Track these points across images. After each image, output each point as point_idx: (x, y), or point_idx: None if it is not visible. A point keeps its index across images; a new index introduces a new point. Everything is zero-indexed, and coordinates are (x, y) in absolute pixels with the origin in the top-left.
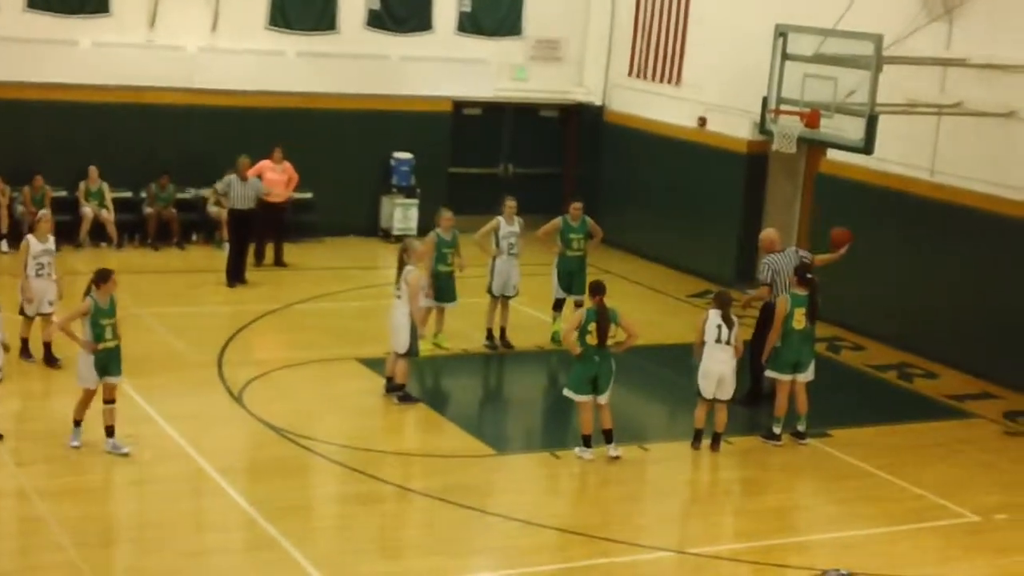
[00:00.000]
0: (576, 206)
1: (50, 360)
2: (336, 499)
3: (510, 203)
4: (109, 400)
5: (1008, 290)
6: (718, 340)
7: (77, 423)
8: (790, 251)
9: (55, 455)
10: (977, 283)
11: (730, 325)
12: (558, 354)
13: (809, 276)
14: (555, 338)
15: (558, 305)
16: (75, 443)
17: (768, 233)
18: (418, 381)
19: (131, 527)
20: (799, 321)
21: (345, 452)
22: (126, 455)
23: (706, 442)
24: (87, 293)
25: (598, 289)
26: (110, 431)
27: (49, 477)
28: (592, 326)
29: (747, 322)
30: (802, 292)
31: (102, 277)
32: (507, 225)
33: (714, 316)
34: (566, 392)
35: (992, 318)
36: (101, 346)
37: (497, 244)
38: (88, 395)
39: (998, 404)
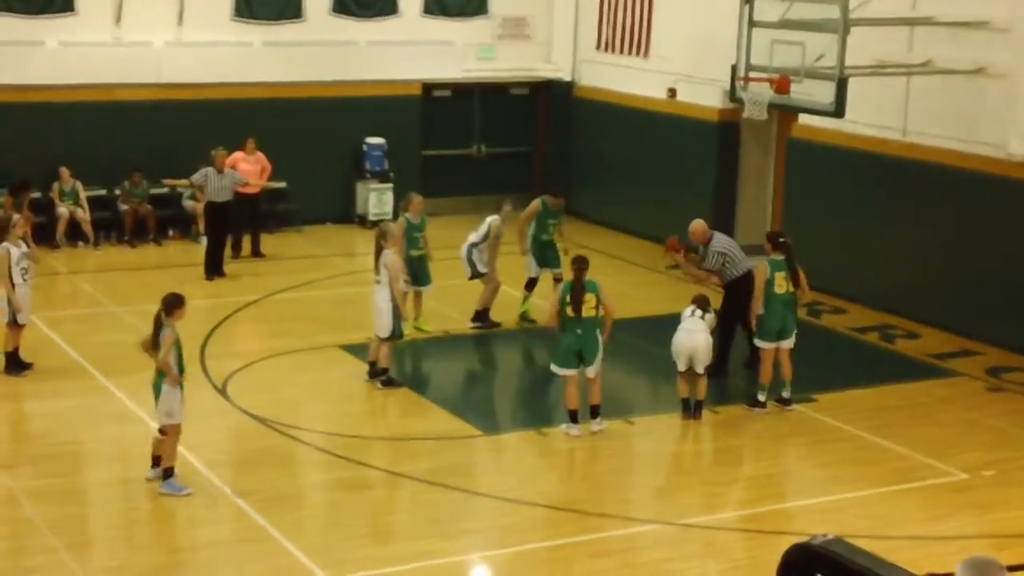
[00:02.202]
0: (560, 195)
1: (22, 365)
2: (324, 487)
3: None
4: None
5: (985, 246)
6: (692, 315)
7: (171, 470)
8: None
9: (39, 456)
10: (954, 240)
11: (705, 310)
12: (537, 332)
13: (782, 240)
14: (525, 316)
15: (531, 284)
16: (188, 490)
17: (701, 224)
18: (400, 365)
19: (120, 525)
20: (780, 286)
21: (331, 439)
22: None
23: None
24: (160, 324)
25: (577, 261)
26: (158, 461)
27: (35, 478)
28: (568, 297)
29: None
30: (779, 256)
31: (177, 303)
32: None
33: (691, 307)
34: (552, 367)
35: (971, 275)
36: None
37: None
38: (178, 431)
39: (980, 361)
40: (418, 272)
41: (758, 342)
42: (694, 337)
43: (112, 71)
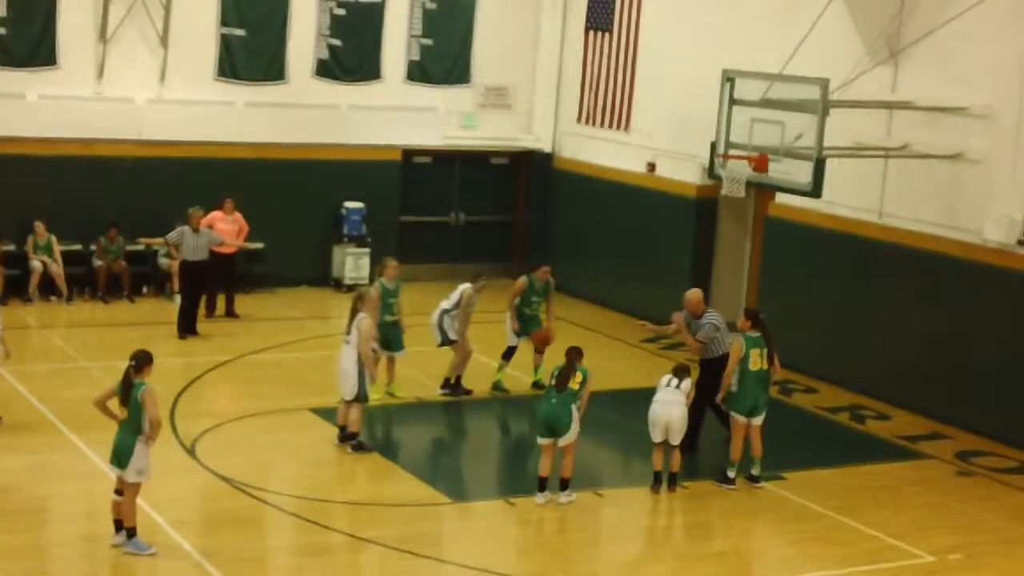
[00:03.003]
0: (545, 269)
1: None
2: (290, 551)
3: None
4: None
5: (958, 330)
6: (667, 385)
7: (134, 529)
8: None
9: (3, 511)
10: (927, 324)
11: (682, 378)
12: (510, 401)
13: (761, 317)
14: (498, 386)
15: (508, 354)
16: (153, 549)
17: (699, 294)
18: (371, 430)
19: None
20: (755, 362)
21: (299, 503)
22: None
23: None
24: (131, 382)
25: (572, 350)
26: (121, 525)
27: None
28: (556, 371)
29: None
30: (755, 333)
31: (148, 360)
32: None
33: (667, 376)
34: None
35: (943, 358)
36: None
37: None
38: (139, 490)
39: (950, 444)
40: (391, 338)
41: (733, 415)
42: (670, 409)
43: (92, 126)
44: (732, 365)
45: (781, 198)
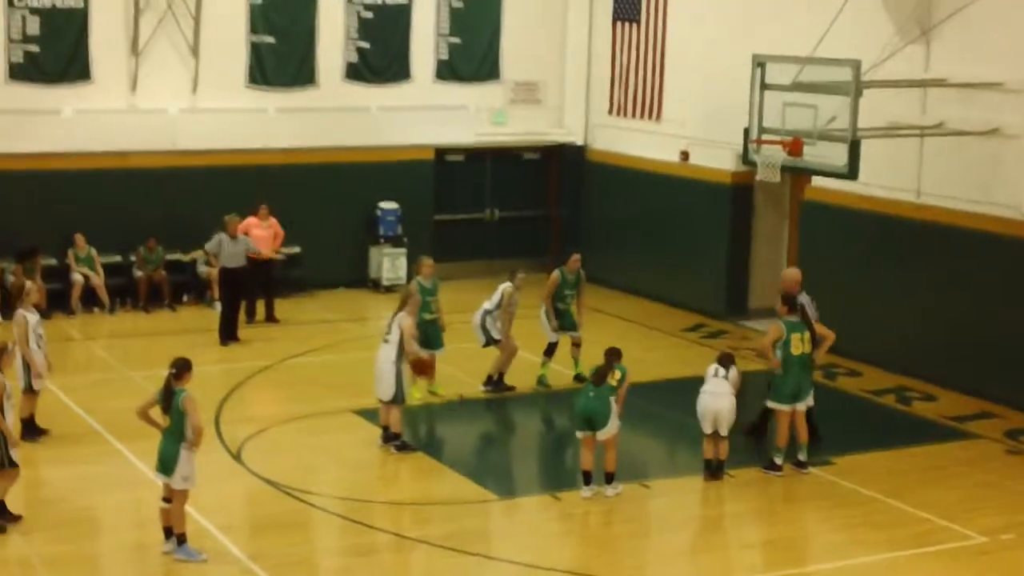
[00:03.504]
0: (576, 258)
1: (38, 431)
2: (338, 552)
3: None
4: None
5: (1000, 307)
6: (715, 375)
7: (184, 535)
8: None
9: (54, 522)
10: (969, 302)
11: (727, 367)
12: (553, 396)
13: (799, 303)
14: (542, 381)
15: (550, 350)
16: (204, 556)
17: (798, 274)
18: (415, 429)
19: None
20: (796, 347)
21: (345, 504)
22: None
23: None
24: (172, 389)
25: (611, 350)
26: (170, 532)
27: (50, 544)
28: (594, 369)
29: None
30: (794, 318)
31: (188, 367)
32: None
33: (714, 366)
34: None
35: (986, 336)
36: None
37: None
38: (187, 496)
39: (998, 423)
40: (430, 336)
41: (773, 404)
42: (718, 400)
43: (127, 138)
44: (766, 344)
45: (817, 181)
